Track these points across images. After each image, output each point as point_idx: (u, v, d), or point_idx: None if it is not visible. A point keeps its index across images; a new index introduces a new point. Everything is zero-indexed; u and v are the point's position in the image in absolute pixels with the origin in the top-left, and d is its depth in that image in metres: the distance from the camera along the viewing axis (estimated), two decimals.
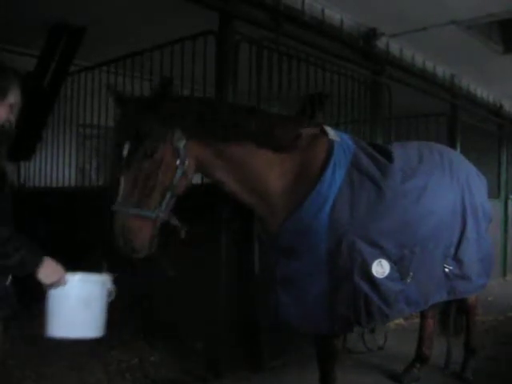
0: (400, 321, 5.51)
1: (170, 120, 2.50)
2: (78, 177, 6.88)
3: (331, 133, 2.86)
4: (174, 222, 2.61)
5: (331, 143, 2.79)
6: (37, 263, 2.05)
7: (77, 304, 2.21)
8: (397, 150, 3.14)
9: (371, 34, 5.69)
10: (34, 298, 2.15)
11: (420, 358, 3.95)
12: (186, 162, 2.53)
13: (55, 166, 6.30)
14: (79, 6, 5.20)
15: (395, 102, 5.78)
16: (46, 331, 2.25)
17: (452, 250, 3.23)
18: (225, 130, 2.61)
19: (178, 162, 2.50)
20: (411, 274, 2.90)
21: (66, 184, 6.26)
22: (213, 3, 4.03)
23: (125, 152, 2.45)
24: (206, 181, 4.07)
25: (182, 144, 2.51)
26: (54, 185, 6.24)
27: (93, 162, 6.68)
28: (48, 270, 2.08)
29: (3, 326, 2.00)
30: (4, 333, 2.02)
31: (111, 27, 5.77)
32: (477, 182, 3.51)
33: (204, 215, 3.94)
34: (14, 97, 2.07)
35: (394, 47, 6.27)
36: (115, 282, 2.32)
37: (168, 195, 2.49)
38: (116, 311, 2.41)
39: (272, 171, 2.71)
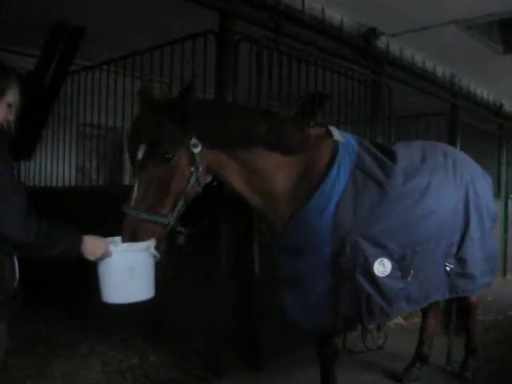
0: (400, 320, 5.51)
1: (188, 125, 2.46)
2: (78, 176, 6.88)
3: (336, 133, 2.88)
4: (177, 227, 2.61)
5: (336, 144, 2.82)
6: (79, 246, 2.09)
7: (124, 272, 2.30)
8: (400, 150, 3.15)
9: (371, 34, 5.69)
10: (34, 298, 2.14)
11: (420, 357, 3.95)
12: (200, 169, 2.51)
13: (55, 166, 6.30)
14: (79, 6, 5.19)
15: (395, 101, 5.78)
16: (102, 298, 2.39)
17: (454, 249, 3.24)
18: (239, 135, 2.60)
19: (192, 169, 2.48)
20: (412, 272, 2.92)
21: (66, 184, 6.26)
22: (213, 3, 4.03)
23: (140, 154, 2.41)
24: (206, 181, 4.07)
25: (197, 150, 2.48)
26: (54, 184, 6.24)
27: (93, 162, 6.68)
28: (91, 248, 2.13)
29: (7, 325, 1.99)
30: (7, 333, 2.01)
31: (111, 27, 5.77)
32: (482, 182, 3.51)
33: (204, 215, 3.94)
34: (12, 96, 2.07)
35: (394, 47, 6.27)
36: None
37: (181, 202, 2.47)
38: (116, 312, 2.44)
39: (280, 172, 2.73)
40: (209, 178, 2.85)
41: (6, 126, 2.11)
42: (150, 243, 2.37)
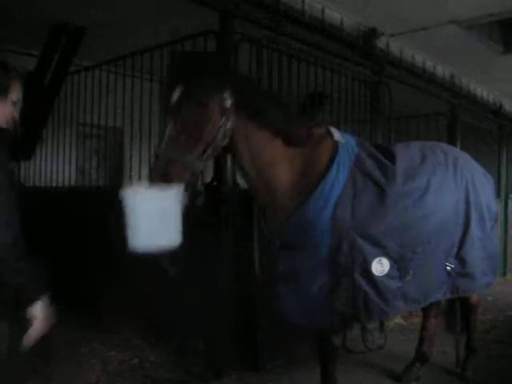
0: (400, 320, 5.51)
1: (223, 79, 2.54)
2: (77, 176, 6.88)
3: (336, 134, 2.91)
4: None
5: (336, 144, 2.84)
6: (35, 298, 2.01)
7: (152, 216, 2.30)
8: (400, 151, 3.16)
9: (371, 34, 5.69)
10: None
11: (420, 357, 3.95)
12: (229, 124, 2.55)
13: (55, 166, 6.30)
14: (79, 6, 5.20)
15: (395, 101, 5.78)
16: (129, 245, 2.34)
17: (454, 249, 3.24)
18: (264, 107, 2.67)
19: (223, 120, 2.52)
20: (411, 272, 2.93)
21: (66, 184, 6.26)
22: (213, 3, 4.03)
23: (175, 98, 2.46)
24: (206, 181, 4.07)
25: (229, 103, 2.54)
26: (54, 184, 6.24)
27: (93, 162, 6.68)
28: (41, 313, 2.04)
29: (8, 326, 2.00)
30: (8, 333, 2.01)
31: (111, 27, 5.77)
32: (483, 181, 3.51)
33: (204, 215, 3.95)
34: (15, 93, 2.09)
35: (394, 47, 6.27)
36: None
37: (209, 151, 2.50)
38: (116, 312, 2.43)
39: (283, 163, 2.74)
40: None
41: (12, 123, 2.13)
42: (179, 189, 2.37)
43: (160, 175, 2.40)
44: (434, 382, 3.95)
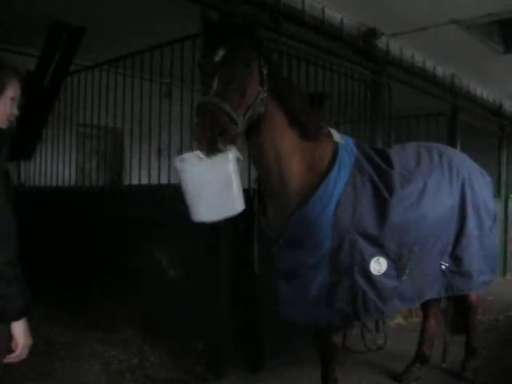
0: (400, 320, 5.51)
1: (261, 48, 2.57)
2: (78, 176, 6.89)
3: (336, 135, 2.93)
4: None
5: (336, 145, 2.86)
6: (23, 311, 1.97)
7: (219, 184, 2.24)
8: (396, 153, 3.21)
9: (371, 34, 5.69)
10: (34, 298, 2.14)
11: (420, 357, 3.95)
12: (265, 93, 2.55)
13: (55, 166, 6.31)
14: (79, 6, 5.20)
15: (395, 101, 5.78)
16: (193, 217, 2.27)
17: (449, 248, 3.27)
18: (286, 90, 2.70)
19: (260, 88, 2.52)
20: (408, 271, 2.97)
21: (66, 184, 6.26)
22: (213, 3, 4.03)
23: (218, 57, 2.43)
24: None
25: (266, 71, 2.56)
26: (54, 184, 6.24)
27: (93, 162, 6.68)
28: (24, 329, 1.99)
29: (7, 326, 1.99)
30: (8, 333, 2.01)
31: (111, 27, 5.77)
32: (480, 181, 3.53)
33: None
34: (12, 90, 2.08)
35: (394, 47, 6.27)
36: None
37: (250, 112, 2.47)
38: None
39: (296, 156, 2.73)
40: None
41: (11, 120, 2.12)
42: (231, 152, 2.29)
43: (209, 122, 2.28)
44: (434, 382, 3.95)
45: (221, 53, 2.43)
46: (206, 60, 2.50)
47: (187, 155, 2.31)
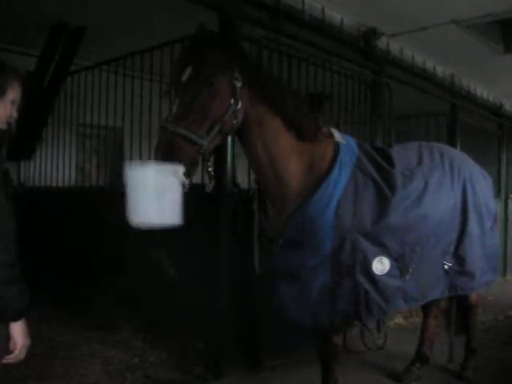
0: (400, 320, 5.51)
1: (234, 60, 2.55)
2: (78, 177, 6.89)
3: (337, 135, 2.92)
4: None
5: (337, 145, 2.86)
6: (22, 312, 1.97)
7: (151, 192, 2.28)
8: (397, 153, 3.20)
9: (371, 34, 5.69)
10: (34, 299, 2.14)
11: (420, 357, 3.96)
12: (239, 105, 2.54)
13: (55, 166, 6.30)
14: (79, 6, 5.20)
15: (395, 101, 5.78)
16: (129, 220, 2.33)
17: (452, 247, 3.27)
18: (278, 94, 2.68)
19: (232, 101, 2.51)
20: (410, 271, 2.96)
21: (66, 184, 6.26)
22: (213, 3, 4.03)
23: (185, 76, 2.46)
24: (207, 181, 4.06)
25: (239, 84, 2.54)
26: (54, 184, 6.24)
27: (93, 162, 6.68)
28: (23, 329, 1.99)
29: (6, 327, 1.99)
30: (7, 334, 2.00)
31: (111, 27, 5.77)
32: (480, 181, 3.53)
33: (204, 215, 3.95)
34: (13, 93, 2.08)
35: (394, 47, 6.27)
36: None
37: (216, 128, 2.48)
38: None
39: (294, 157, 2.74)
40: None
41: (10, 122, 2.12)
42: (180, 168, 2.34)
43: (164, 150, 2.36)
44: (434, 382, 3.95)
45: (187, 72, 2.47)
46: (174, 80, 2.56)
47: (137, 161, 2.40)
